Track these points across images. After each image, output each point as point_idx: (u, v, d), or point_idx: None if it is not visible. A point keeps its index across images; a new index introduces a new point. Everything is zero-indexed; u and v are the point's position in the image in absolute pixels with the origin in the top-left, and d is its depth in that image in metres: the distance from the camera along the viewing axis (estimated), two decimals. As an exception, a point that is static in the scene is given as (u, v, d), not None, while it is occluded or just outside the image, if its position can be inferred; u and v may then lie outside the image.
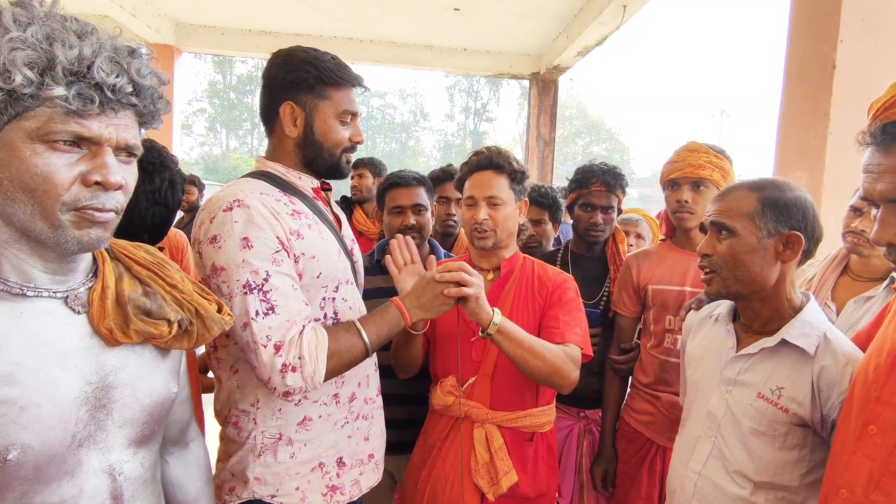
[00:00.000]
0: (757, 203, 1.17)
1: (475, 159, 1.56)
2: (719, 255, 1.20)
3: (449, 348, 1.54)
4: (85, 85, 0.69)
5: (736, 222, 1.18)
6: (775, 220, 1.15)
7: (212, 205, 1.13)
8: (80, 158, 0.72)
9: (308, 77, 1.19)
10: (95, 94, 0.70)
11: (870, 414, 0.91)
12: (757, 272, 1.17)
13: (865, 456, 0.90)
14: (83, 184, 0.72)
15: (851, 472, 0.91)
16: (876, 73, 2.02)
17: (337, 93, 1.23)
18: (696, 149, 1.74)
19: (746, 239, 1.17)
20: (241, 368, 1.19)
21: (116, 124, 0.74)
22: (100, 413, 0.78)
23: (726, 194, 1.22)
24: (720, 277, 1.21)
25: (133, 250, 0.87)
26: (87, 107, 0.70)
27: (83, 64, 0.69)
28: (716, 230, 1.22)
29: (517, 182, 1.55)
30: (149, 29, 5.32)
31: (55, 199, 0.70)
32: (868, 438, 0.90)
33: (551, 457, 1.58)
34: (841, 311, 1.59)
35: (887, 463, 0.86)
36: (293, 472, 1.19)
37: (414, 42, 6.10)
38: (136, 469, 0.83)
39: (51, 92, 0.67)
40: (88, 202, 0.72)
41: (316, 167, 1.27)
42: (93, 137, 0.72)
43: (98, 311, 0.78)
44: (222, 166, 28.69)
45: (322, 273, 1.20)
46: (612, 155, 34.65)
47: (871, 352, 0.99)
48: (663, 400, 1.75)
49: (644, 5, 4.27)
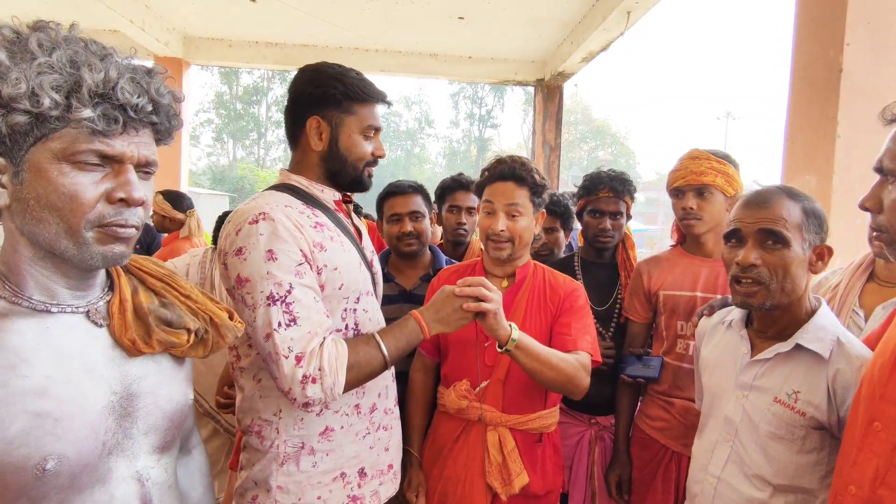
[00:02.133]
0: (801, 213, 1.16)
1: (498, 168, 1.56)
2: (770, 266, 1.15)
3: (462, 353, 1.56)
4: (109, 106, 0.72)
5: (790, 232, 1.14)
6: (815, 232, 1.16)
7: (238, 217, 1.16)
8: (104, 177, 0.74)
9: (335, 93, 1.22)
10: (119, 114, 0.73)
11: (874, 411, 0.92)
12: (798, 284, 1.17)
13: (872, 452, 0.91)
14: (108, 201, 0.74)
15: (859, 469, 0.93)
16: (883, 76, 2.03)
17: (362, 108, 1.26)
18: (697, 156, 1.76)
19: (796, 250, 1.15)
20: (264, 378, 1.21)
21: (137, 142, 0.76)
22: (125, 421, 0.80)
23: (769, 201, 1.17)
24: (767, 290, 1.16)
25: (145, 263, 0.90)
26: (112, 127, 0.72)
27: (108, 86, 0.72)
28: (763, 239, 1.16)
29: (537, 195, 1.56)
30: (158, 43, 5.40)
31: (81, 217, 0.72)
32: (873, 435, 0.91)
33: (557, 456, 1.63)
34: (869, 317, 1.59)
35: (892, 458, 0.88)
36: (315, 481, 1.20)
37: (419, 51, 6.15)
38: (161, 474, 0.86)
39: (79, 114, 0.70)
40: (112, 219, 0.75)
41: (339, 181, 1.30)
42: (116, 156, 0.74)
43: (119, 323, 0.81)
44: (229, 176, 28.91)
45: (344, 284, 1.22)
46: (617, 159, 34.60)
47: (878, 351, 1.00)
48: (677, 406, 1.75)
49: (648, 11, 4.29)
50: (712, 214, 1.73)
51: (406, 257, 1.99)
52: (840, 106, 2.03)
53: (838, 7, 2.06)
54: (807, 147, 2.18)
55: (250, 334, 1.12)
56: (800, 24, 2.27)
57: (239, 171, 27.68)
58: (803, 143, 2.20)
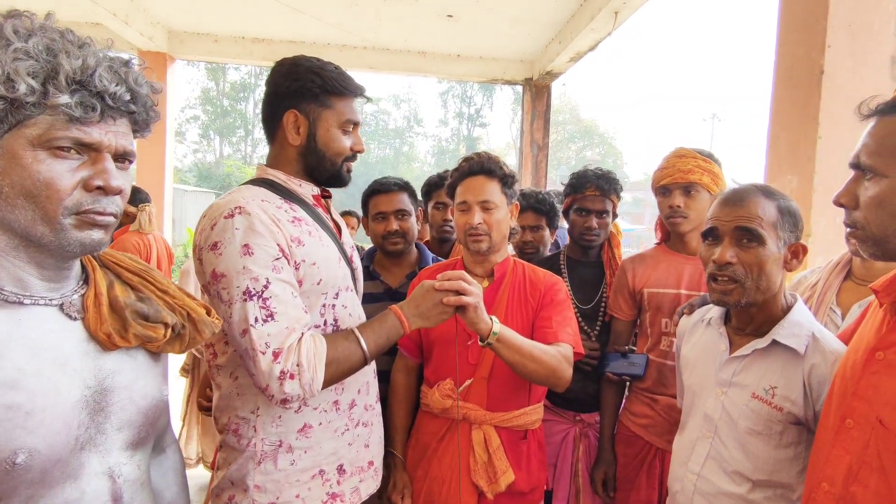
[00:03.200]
0: (777, 211, 1.17)
1: (466, 165, 1.58)
2: (745, 264, 1.16)
3: (445, 352, 1.56)
4: (87, 93, 0.72)
5: (765, 230, 1.16)
6: (789, 230, 1.17)
7: (213, 211, 1.14)
8: (81, 164, 0.74)
9: (312, 86, 1.21)
10: (97, 102, 0.72)
11: (846, 408, 0.93)
12: (773, 281, 1.18)
13: (844, 450, 0.92)
14: (85, 189, 0.74)
15: (831, 466, 0.94)
16: (862, 77, 2.06)
17: (340, 102, 1.24)
18: (684, 154, 1.77)
19: (771, 248, 1.16)
20: (241, 375, 1.19)
21: (115, 131, 0.76)
22: (99, 416, 0.79)
23: (744, 200, 1.18)
24: (743, 287, 1.17)
25: (120, 257, 0.89)
26: (89, 114, 0.72)
27: (86, 73, 0.72)
28: (739, 237, 1.17)
29: (508, 186, 1.58)
30: (141, 37, 5.32)
31: (58, 204, 0.72)
32: (845, 432, 0.92)
33: (541, 452, 1.63)
34: (846, 315, 1.61)
35: (863, 455, 0.89)
36: (293, 479, 1.19)
37: (408, 49, 6.14)
38: (134, 471, 0.84)
39: (56, 100, 0.69)
40: (90, 206, 0.74)
41: (317, 175, 1.28)
42: (93, 144, 0.74)
43: (94, 316, 0.80)
44: (216, 173, 28.62)
45: (322, 280, 1.20)
46: (605, 159, 34.82)
47: (851, 348, 1.02)
48: (661, 403, 1.77)
49: (635, 11, 4.32)
50: (698, 213, 1.74)
51: (392, 256, 1.98)
52: (821, 107, 2.06)
53: (820, 10, 2.08)
54: (789, 147, 2.21)
55: (226, 330, 1.10)
56: (783, 26, 2.29)
57: (226, 169, 27.41)
58: (786, 143, 2.23)
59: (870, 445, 0.88)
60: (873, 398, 0.89)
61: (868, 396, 0.90)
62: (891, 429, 0.85)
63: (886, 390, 0.87)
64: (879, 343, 0.92)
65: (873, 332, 0.95)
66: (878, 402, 0.88)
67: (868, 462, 0.88)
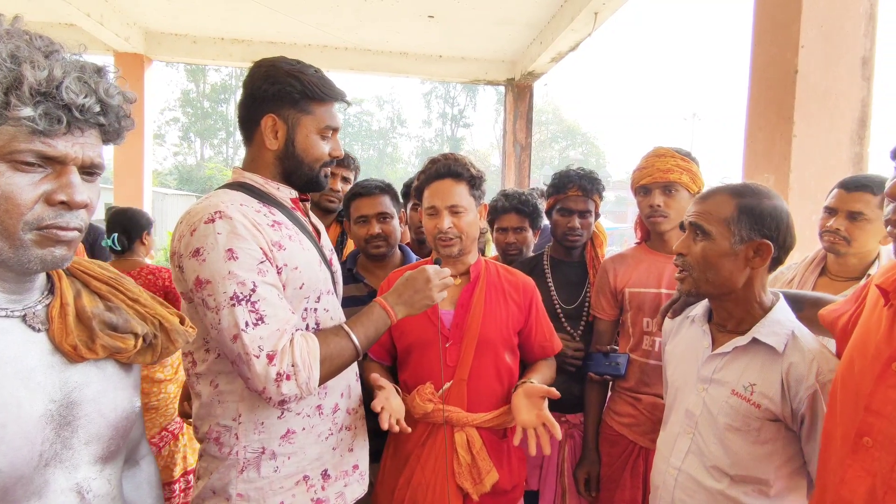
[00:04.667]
0: (735, 209, 1.19)
1: (433, 167, 1.56)
2: (693, 256, 1.23)
3: (422, 355, 1.55)
4: (52, 105, 0.68)
5: (712, 226, 1.20)
6: (749, 228, 1.18)
7: (191, 217, 1.12)
8: (44, 177, 0.70)
9: (292, 91, 1.19)
10: (63, 114, 0.69)
11: (862, 424, 0.88)
12: (726, 276, 1.21)
13: (865, 471, 0.86)
14: (47, 203, 0.70)
15: (848, 488, 0.88)
16: (835, 77, 2.11)
17: (320, 108, 1.23)
18: (663, 154, 1.79)
19: (720, 243, 1.20)
20: (222, 382, 1.17)
21: (82, 143, 0.73)
22: (65, 431, 0.76)
23: (707, 197, 1.25)
24: (692, 277, 1.25)
25: (88, 265, 0.86)
26: (55, 127, 0.69)
27: (52, 84, 0.68)
28: (693, 231, 1.25)
29: (476, 187, 1.56)
30: (117, 38, 5.22)
31: (17, 219, 0.69)
32: (864, 452, 0.87)
33: (520, 449, 1.63)
34: None
35: (889, 479, 0.83)
36: (277, 486, 1.18)
37: (389, 49, 6.11)
38: (103, 486, 0.82)
39: (18, 112, 0.66)
40: (52, 221, 0.71)
41: (294, 180, 1.27)
42: (58, 157, 0.70)
43: (59, 328, 0.77)
44: (197, 176, 28.22)
45: (305, 284, 1.19)
46: (587, 159, 35.13)
47: (854, 349, 0.97)
48: (644, 402, 1.78)
49: (614, 12, 4.36)
50: (678, 211, 1.76)
51: (375, 259, 1.97)
52: (796, 106, 2.10)
53: (793, 10, 2.12)
54: (765, 146, 2.25)
55: (215, 337, 1.09)
56: (758, 26, 2.33)
57: (207, 171, 27.03)
58: (762, 142, 2.27)
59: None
60: (894, 415, 0.84)
61: (888, 413, 0.85)
62: None
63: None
64: (895, 352, 0.86)
65: (883, 338, 0.89)
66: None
67: (894, 486, 0.82)
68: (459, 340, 1.52)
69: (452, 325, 1.54)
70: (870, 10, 2.16)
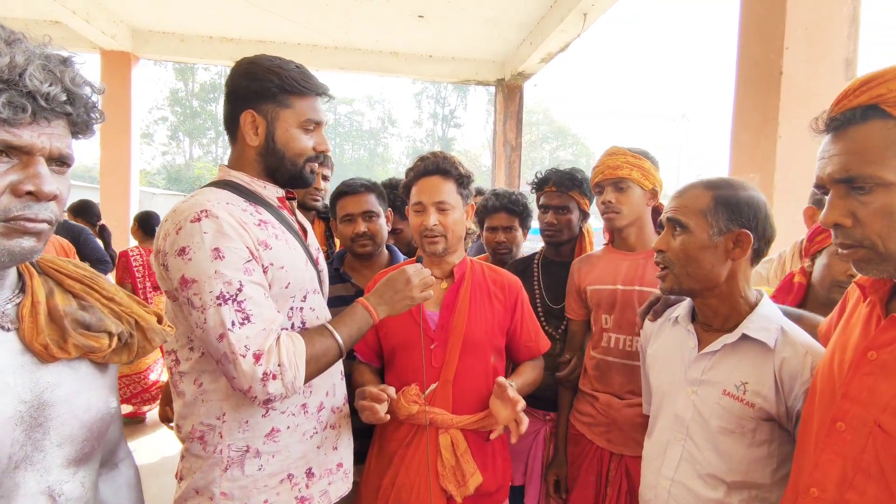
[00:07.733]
0: (711, 201, 1.19)
1: (421, 165, 1.56)
2: (673, 251, 1.22)
3: (407, 357, 1.54)
4: (16, 93, 0.66)
5: (689, 219, 1.20)
6: (727, 219, 1.18)
7: (177, 216, 1.11)
8: (10, 168, 0.68)
9: (270, 86, 1.18)
10: (27, 102, 0.67)
11: (836, 411, 0.89)
12: (708, 269, 1.20)
13: (836, 454, 0.88)
14: (14, 194, 0.68)
15: (821, 471, 0.89)
16: (818, 77, 2.14)
17: (300, 102, 1.22)
18: (614, 152, 1.80)
19: (698, 235, 1.19)
20: (206, 381, 1.16)
21: (49, 133, 0.71)
22: (36, 433, 0.74)
23: (683, 192, 1.24)
24: (673, 273, 1.23)
25: (62, 264, 0.84)
26: (19, 116, 0.67)
27: (14, 72, 0.66)
28: (671, 226, 1.24)
29: (464, 186, 1.56)
30: (104, 35, 5.17)
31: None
32: (837, 436, 0.88)
33: (505, 450, 1.63)
34: None
35: (859, 461, 0.84)
36: (261, 484, 1.17)
37: (379, 49, 6.11)
38: (76, 489, 0.79)
39: None
40: (20, 212, 0.69)
41: (279, 176, 1.26)
42: (24, 147, 0.69)
43: (30, 327, 0.75)
44: (186, 176, 28.01)
45: (291, 283, 1.19)
46: (578, 159, 35.26)
47: (835, 345, 0.97)
48: (601, 400, 1.76)
49: (604, 13, 4.39)
50: (630, 208, 1.76)
51: (361, 258, 1.96)
52: (780, 107, 2.13)
53: (778, 12, 2.15)
54: (751, 146, 2.28)
55: (200, 336, 1.08)
56: (743, 29, 2.36)
57: (196, 171, 26.86)
58: (747, 142, 2.30)
59: (867, 451, 0.84)
60: (868, 401, 0.85)
61: (862, 399, 0.86)
62: (892, 434, 0.81)
63: (883, 393, 0.83)
64: (871, 342, 0.87)
65: (862, 330, 0.91)
66: (874, 405, 0.84)
67: (865, 468, 0.84)
68: (444, 342, 1.52)
69: (437, 327, 1.53)
70: (853, 13, 2.19)
